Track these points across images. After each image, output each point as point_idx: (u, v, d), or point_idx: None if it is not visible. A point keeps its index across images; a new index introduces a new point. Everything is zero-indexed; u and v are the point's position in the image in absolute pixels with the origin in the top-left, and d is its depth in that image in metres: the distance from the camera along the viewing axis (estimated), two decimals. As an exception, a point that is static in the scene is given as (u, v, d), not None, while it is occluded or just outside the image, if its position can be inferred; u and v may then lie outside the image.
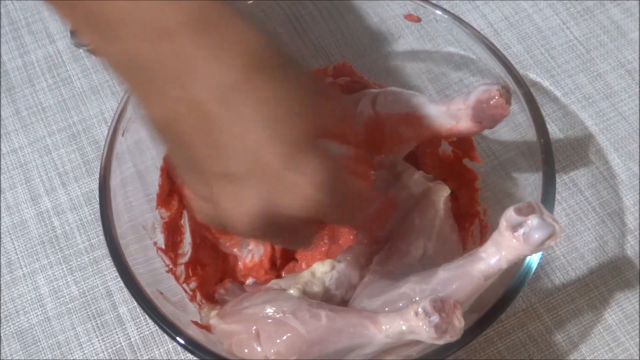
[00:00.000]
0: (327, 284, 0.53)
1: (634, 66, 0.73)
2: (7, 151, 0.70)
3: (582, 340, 0.61)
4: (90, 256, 0.65)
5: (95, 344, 0.61)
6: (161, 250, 0.55)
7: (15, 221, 0.66)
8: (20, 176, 0.68)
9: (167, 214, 0.57)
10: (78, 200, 0.67)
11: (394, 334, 0.44)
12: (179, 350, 0.61)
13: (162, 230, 0.56)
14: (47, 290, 0.63)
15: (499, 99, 0.50)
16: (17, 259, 0.65)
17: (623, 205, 0.66)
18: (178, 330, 0.47)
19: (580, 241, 0.65)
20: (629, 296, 0.62)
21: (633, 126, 0.70)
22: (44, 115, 0.71)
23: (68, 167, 0.69)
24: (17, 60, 0.74)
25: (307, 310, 0.47)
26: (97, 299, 0.63)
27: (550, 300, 0.62)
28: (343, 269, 0.54)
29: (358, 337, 0.45)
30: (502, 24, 0.75)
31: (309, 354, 0.46)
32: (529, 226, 0.43)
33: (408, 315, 0.43)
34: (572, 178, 0.67)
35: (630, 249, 0.64)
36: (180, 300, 0.55)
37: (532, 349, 0.60)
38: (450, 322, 0.43)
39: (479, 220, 0.58)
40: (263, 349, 0.47)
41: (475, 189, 0.59)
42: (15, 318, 0.62)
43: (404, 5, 0.59)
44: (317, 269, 0.53)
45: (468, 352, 0.60)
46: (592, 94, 0.71)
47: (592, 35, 0.74)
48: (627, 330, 0.61)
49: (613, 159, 0.68)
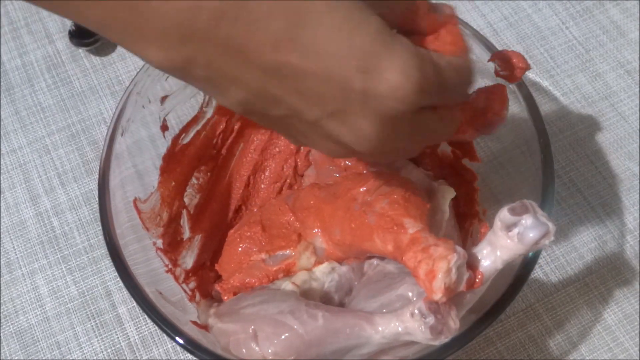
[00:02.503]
0: (327, 286, 0.53)
1: (634, 66, 0.73)
2: (7, 151, 0.70)
3: (582, 340, 0.61)
4: (90, 256, 0.65)
5: (94, 344, 0.61)
6: (160, 250, 0.55)
7: (15, 221, 0.66)
8: (19, 176, 0.68)
9: (167, 213, 0.57)
10: (77, 200, 0.67)
11: (390, 334, 0.44)
12: (179, 350, 0.61)
13: (162, 232, 0.56)
14: (47, 290, 0.63)
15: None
16: (17, 259, 0.65)
17: (622, 205, 0.66)
18: (177, 330, 0.47)
19: (579, 241, 0.65)
20: (628, 296, 0.62)
21: (633, 126, 0.70)
22: (43, 115, 0.71)
23: (67, 167, 0.69)
24: (16, 60, 0.74)
25: (304, 311, 0.47)
26: (96, 299, 0.63)
27: (550, 300, 0.62)
28: (344, 273, 0.53)
29: (355, 338, 0.45)
30: (502, 24, 0.75)
31: (306, 354, 0.46)
32: (523, 226, 0.43)
33: (404, 316, 0.44)
34: (572, 178, 0.67)
35: (630, 249, 0.64)
36: (180, 300, 0.55)
37: (531, 349, 0.60)
38: (445, 323, 0.43)
39: (478, 221, 0.58)
40: (261, 349, 0.47)
41: (475, 189, 0.59)
42: (14, 318, 0.62)
43: (404, 5, 0.59)
44: (316, 269, 0.53)
45: (468, 352, 0.60)
46: (591, 94, 0.71)
47: (592, 35, 0.74)
48: (627, 330, 0.61)
49: (613, 159, 0.68)
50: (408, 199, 0.50)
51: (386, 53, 0.34)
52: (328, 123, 0.36)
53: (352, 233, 0.51)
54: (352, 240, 0.51)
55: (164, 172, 0.57)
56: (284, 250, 0.54)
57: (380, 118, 0.35)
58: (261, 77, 0.34)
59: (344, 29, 0.33)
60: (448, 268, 0.42)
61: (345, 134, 0.36)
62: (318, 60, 0.33)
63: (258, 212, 0.58)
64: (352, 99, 0.34)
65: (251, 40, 0.33)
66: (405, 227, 0.47)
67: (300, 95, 0.35)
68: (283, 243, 0.54)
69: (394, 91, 0.34)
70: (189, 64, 0.34)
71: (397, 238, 0.47)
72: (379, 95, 0.34)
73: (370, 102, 0.34)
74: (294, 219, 0.55)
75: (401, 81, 0.34)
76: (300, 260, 0.54)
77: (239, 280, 0.55)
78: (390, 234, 0.47)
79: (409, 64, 0.34)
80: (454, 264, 0.42)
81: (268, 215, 0.57)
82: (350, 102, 0.34)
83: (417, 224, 0.47)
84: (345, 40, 0.33)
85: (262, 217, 0.57)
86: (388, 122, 0.35)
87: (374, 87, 0.34)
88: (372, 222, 0.49)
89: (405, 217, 0.48)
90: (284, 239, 0.55)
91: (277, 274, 0.54)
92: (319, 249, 0.54)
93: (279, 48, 0.33)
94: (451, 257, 0.42)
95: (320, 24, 0.33)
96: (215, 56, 0.34)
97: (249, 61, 0.34)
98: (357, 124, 0.35)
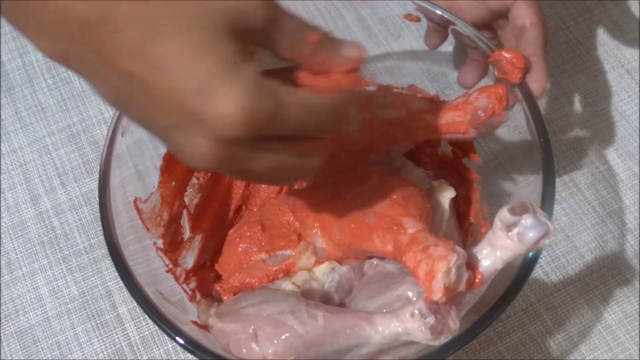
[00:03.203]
0: (327, 286, 0.53)
1: (634, 66, 0.73)
2: (7, 151, 0.70)
3: (582, 339, 0.61)
4: (90, 256, 0.65)
5: (95, 344, 0.61)
6: (161, 250, 0.55)
7: (15, 221, 0.66)
8: (19, 176, 0.68)
9: (167, 213, 0.57)
10: (78, 200, 0.67)
11: (390, 334, 0.44)
12: (179, 350, 0.61)
13: (162, 232, 0.56)
14: (47, 291, 0.63)
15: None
16: (17, 259, 0.65)
17: (623, 205, 0.66)
18: (178, 330, 0.47)
19: (580, 241, 0.65)
20: (629, 296, 0.62)
21: (633, 126, 0.70)
22: (44, 115, 0.71)
23: (68, 167, 0.69)
24: (16, 60, 0.74)
25: (305, 311, 0.47)
26: (96, 299, 0.63)
27: (550, 300, 0.62)
28: (345, 273, 0.53)
29: (355, 338, 0.45)
30: (502, 24, 0.75)
31: (306, 354, 0.46)
32: (523, 225, 0.43)
33: (404, 316, 0.44)
34: (572, 178, 0.67)
35: (630, 249, 0.64)
36: (180, 300, 0.55)
37: (532, 348, 0.60)
38: (445, 323, 0.43)
39: (479, 221, 0.58)
40: (261, 349, 0.47)
41: (475, 188, 0.59)
42: (15, 318, 0.62)
43: (404, 5, 0.59)
44: (316, 269, 0.53)
45: (468, 352, 0.60)
46: (591, 94, 0.71)
47: (592, 35, 0.74)
48: (627, 329, 0.61)
49: (613, 158, 0.68)
50: (408, 198, 0.50)
51: (224, 81, 0.36)
52: (175, 134, 0.38)
53: (352, 233, 0.51)
54: (351, 240, 0.51)
55: (164, 172, 0.57)
56: (284, 251, 0.54)
57: (214, 139, 0.37)
58: (120, 81, 0.37)
59: (191, 53, 0.36)
60: (447, 268, 0.42)
61: (186, 147, 0.38)
62: (163, 76, 0.36)
63: (258, 212, 0.58)
64: (190, 118, 0.37)
65: (110, 47, 0.36)
66: (405, 227, 0.47)
67: (150, 104, 0.38)
68: (283, 243, 0.54)
69: (223, 118, 0.36)
70: (67, 57, 0.38)
71: (396, 238, 0.47)
72: (211, 119, 0.36)
73: (204, 124, 0.37)
74: (294, 219, 0.55)
75: (231, 110, 0.36)
76: (300, 260, 0.54)
77: (239, 280, 0.55)
78: (389, 234, 0.47)
79: (244, 95, 0.36)
80: (453, 264, 0.42)
81: (268, 215, 0.57)
82: (189, 120, 0.37)
83: (417, 224, 0.47)
84: (190, 62, 0.36)
85: (262, 217, 0.57)
86: (222, 144, 0.37)
87: (208, 111, 0.36)
88: (371, 222, 0.49)
89: (404, 217, 0.48)
90: (284, 239, 0.55)
91: (277, 274, 0.54)
92: (319, 249, 0.54)
93: (132, 58, 0.36)
94: (451, 257, 0.42)
95: (171, 43, 0.36)
96: (85, 54, 0.37)
97: (110, 65, 0.37)
98: (195, 141, 0.37)
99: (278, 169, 0.41)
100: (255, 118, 0.36)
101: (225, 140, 0.37)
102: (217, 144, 0.37)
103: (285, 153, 0.40)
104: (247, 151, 0.38)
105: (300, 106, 0.38)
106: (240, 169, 0.40)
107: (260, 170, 0.40)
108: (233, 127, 0.36)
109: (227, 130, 0.36)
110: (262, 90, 0.37)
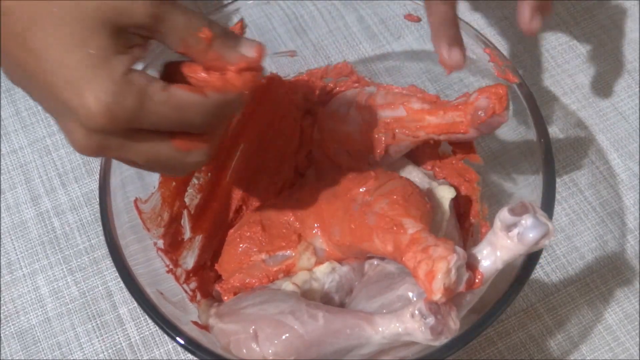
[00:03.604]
0: (327, 286, 0.53)
1: (634, 66, 0.73)
2: (7, 151, 0.70)
3: (583, 340, 0.61)
4: (91, 257, 0.65)
5: (95, 344, 0.61)
6: (161, 250, 0.55)
7: (16, 221, 0.66)
8: (20, 176, 0.68)
9: (168, 214, 0.57)
10: (78, 200, 0.67)
11: (390, 335, 0.45)
12: (179, 350, 0.61)
13: (162, 232, 0.56)
14: (47, 291, 0.63)
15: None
16: (17, 260, 0.65)
17: (623, 205, 0.66)
18: (178, 330, 0.47)
19: (580, 241, 0.65)
20: (629, 296, 0.62)
21: (633, 126, 0.70)
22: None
23: (68, 168, 0.69)
24: (17, 60, 0.74)
25: (305, 311, 0.47)
26: (97, 300, 0.63)
27: (551, 300, 0.62)
28: (345, 273, 0.53)
29: (355, 338, 0.45)
30: (502, 24, 0.75)
31: (307, 355, 0.46)
32: (523, 226, 0.43)
33: (404, 316, 0.44)
34: (572, 178, 0.67)
35: (631, 249, 0.64)
36: (181, 300, 0.55)
37: (532, 348, 0.60)
38: (445, 323, 0.43)
39: (479, 221, 0.58)
40: (261, 349, 0.47)
41: (475, 188, 0.59)
42: (15, 318, 0.62)
43: (404, 5, 0.59)
44: (316, 270, 0.53)
45: (468, 352, 0.60)
46: (592, 94, 0.71)
47: (592, 35, 0.74)
48: (628, 330, 0.61)
49: (613, 158, 0.68)
50: (408, 199, 0.50)
51: (91, 75, 0.37)
52: (58, 120, 0.40)
53: (352, 233, 0.51)
54: (351, 240, 0.51)
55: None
56: (284, 251, 0.54)
57: (84, 128, 0.39)
58: (14, 63, 0.39)
59: (64, 44, 0.38)
60: (447, 269, 0.42)
61: (67, 134, 0.40)
62: (39, 64, 0.38)
63: (258, 212, 0.58)
64: (65, 107, 0.38)
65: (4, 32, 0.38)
66: (405, 228, 0.47)
67: (34, 89, 0.40)
68: (283, 243, 0.54)
69: (86, 110, 0.38)
70: None
71: (396, 238, 0.47)
72: (78, 110, 0.38)
73: (73, 113, 0.38)
74: (294, 219, 0.55)
75: (93, 103, 0.37)
76: (301, 260, 0.54)
77: (239, 280, 0.55)
78: (389, 234, 0.48)
79: (107, 90, 0.37)
80: (453, 264, 0.42)
81: (268, 215, 0.57)
82: (64, 109, 0.39)
83: (417, 224, 0.47)
84: (62, 54, 0.38)
85: (262, 217, 0.57)
86: (94, 134, 0.39)
87: (75, 102, 0.38)
88: (371, 223, 0.49)
89: (404, 217, 0.48)
90: (284, 239, 0.55)
91: (277, 274, 0.54)
92: (319, 249, 0.54)
93: (17, 44, 0.38)
94: (451, 258, 0.42)
95: (48, 34, 0.38)
96: None
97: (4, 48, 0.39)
98: (71, 128, 0.39)
99: (158, 160, 0.41)
100: (116, 113, 0.38)
101: (94, 130, 0.38)
102: (88, 132, 0.39)
103: (161, 146, 0.41)
104: (121, 141, 0.40)
105: (169, 104, 0.39)
106: (120, 156, 0.41)
107: (139, 160, 0.41)
108: (96, 120, 0.38)
109: (93, 122, 0.38)
110: (127, 87, 0.38)
